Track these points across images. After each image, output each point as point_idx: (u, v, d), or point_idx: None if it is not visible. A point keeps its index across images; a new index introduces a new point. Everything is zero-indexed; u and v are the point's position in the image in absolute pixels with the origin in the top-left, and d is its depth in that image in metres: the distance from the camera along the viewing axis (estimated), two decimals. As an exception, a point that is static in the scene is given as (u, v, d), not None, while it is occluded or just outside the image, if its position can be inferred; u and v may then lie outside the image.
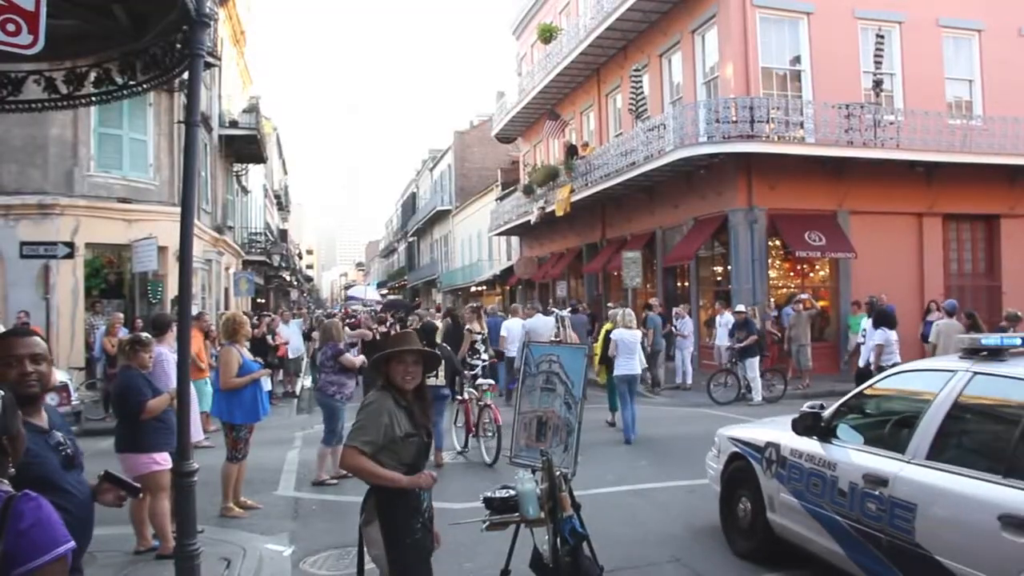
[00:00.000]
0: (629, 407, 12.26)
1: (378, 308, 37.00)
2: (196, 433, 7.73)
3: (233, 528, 7.65)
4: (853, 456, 5.41)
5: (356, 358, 10.28)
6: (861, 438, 5.65)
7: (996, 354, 4.86)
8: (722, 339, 17.95)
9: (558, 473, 4.89)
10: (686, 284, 22.82)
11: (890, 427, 5.53)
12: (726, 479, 7.04)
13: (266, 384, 8.96)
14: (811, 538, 5.69)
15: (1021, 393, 4.58)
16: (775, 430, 6.56)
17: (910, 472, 4.77)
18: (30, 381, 3.02)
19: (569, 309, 20.55)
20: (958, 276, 21.11)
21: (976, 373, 4.83)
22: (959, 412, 4.84)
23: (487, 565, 6.14)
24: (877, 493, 4.93)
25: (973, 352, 5.05)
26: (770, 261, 19.71)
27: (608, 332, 13.29)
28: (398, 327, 18.99)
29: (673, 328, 18.90)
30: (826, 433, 5.80)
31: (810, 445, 5.84)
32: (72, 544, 2.24)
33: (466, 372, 12.71)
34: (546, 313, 17.67)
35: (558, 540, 4.77)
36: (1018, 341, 4.90)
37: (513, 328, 16.08)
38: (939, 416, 4.85)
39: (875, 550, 4.93)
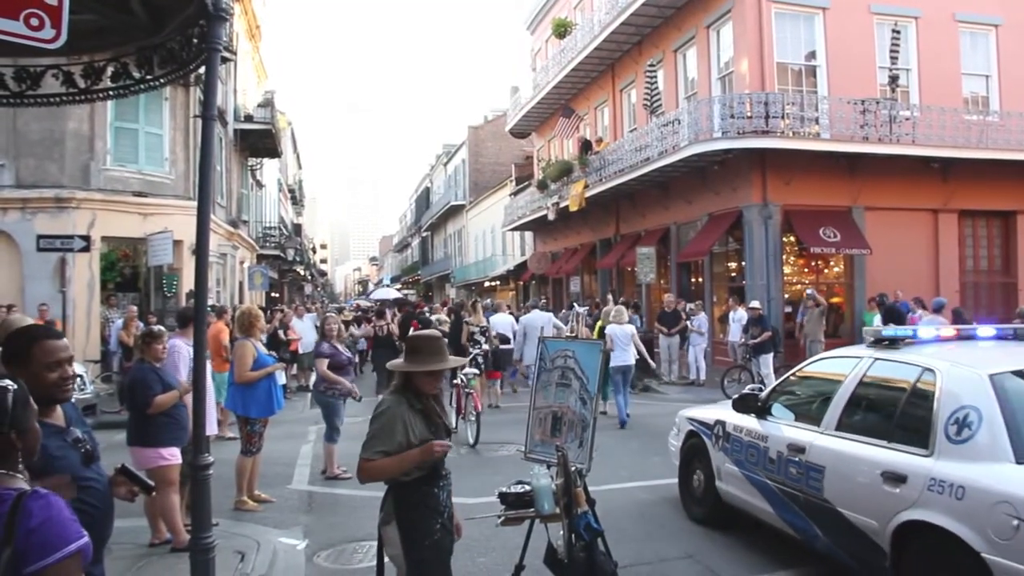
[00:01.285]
0: (622, 394, 13.38)
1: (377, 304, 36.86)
2: (211, 427, 7.72)
3: (247, 521, 7.69)
4: (781, 429, 6.33)
5: (324, 363, 10.00)
6: (792, 414, 6.50)
7: (894, 343, 5.88)
8: (735, 335, 17.92)
9: (573, 468, 4.89)
10: (700, 280, 22.74)
11: (812, 404, 6.43)
12: (683, 454, 7.96)
13: (280, 378, 8.99)
14: (749, 500, 6.60)
15: (905, 374, 5.45)
16: (723, 410, 7.42)
17: (822, 441, 5.72)
18: (68, 385, 3.00)
19: (573, 304, 21.35)
20: (974, 273, 20.96)
21: (876, 359, 5.82)
22: (861, 391, 5.80)
23: (501, 560, 6.15)
24: (797, 459, 5.88)
25: (878, 342, 6.02)
26: (784, 257, 19.61)
27: (603, 328, 14.38)
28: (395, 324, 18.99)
29: (688, 324, 18.90)
30: (762, 411, 6.70)
31: (749, 422, 6.75)
32: (84, 541, 2.20)
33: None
34: (543, 308, 18.23)
35: (573, 536, 4.77)
36: (910, 332, 6.03)
37: (498, 323, 17.18)
38: (846, 394, 5.82)
39: (795, 506, 5.88)
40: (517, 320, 18.23)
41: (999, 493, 4.26)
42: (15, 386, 2.33)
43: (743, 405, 6.87)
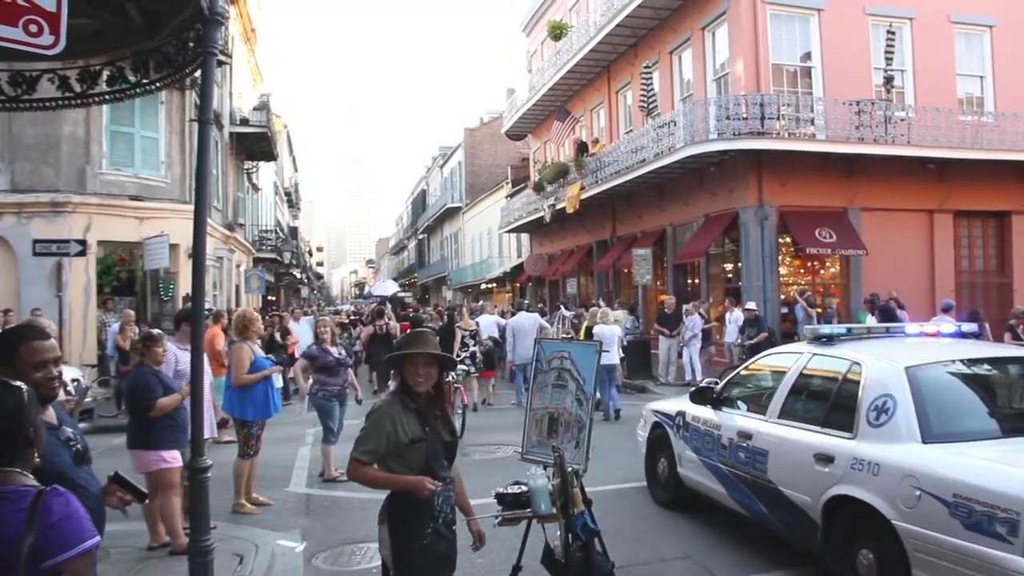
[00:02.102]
0: (609, 391, 14.02)
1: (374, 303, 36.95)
2: (210, 429, 7.72)
3: (245, 524, 7.69)
4: (733, 418, 6.96)
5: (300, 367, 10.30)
6: (743, 404, 7.12)
7: (830, 340, 6.50)
8: (732, 336, 17.92)
9: (570, 469, 4.91)
10: (696, 281, 22.76)
11: (760, 395, 7.02)
12: (649, 444, 8.57)
13: (278, 381, 8.99)
14: (705, 484, 7.22)
15: (837, 367, 6.09)
16: (684, 402, 7.97)
17: (766, 428, 6.36)
18: (54, 384, 3.08)
19: (560, 307, 23.00)
20: (969, 273, 21.00)
21: (815, 354, 6.46)
22: (801, 382, 6.45)
23: (499, 561, 6.16)
24: (745, 444, 6.51)
25: (817, 338, 6.63)
26: (780, 258, 19.64)
27: (588, 328, 15.17)
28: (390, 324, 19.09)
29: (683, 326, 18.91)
30: (717, 402, 7.33)
31: (706, 412, 7.36)
32: (98, 539, 2.28)
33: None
34: (528, 310, 19.11)
35: (570, 536, 4.79)
36: (844, 330, 6.66)
37: (483, 323, 18.02)
38: (788, 385, 6.46)
39: (744, 487, 6.51)
40: (501, 316, 19.10)
41: (906, 468, 4.87)
42: (25, 386, 2.41)
43: (700, 397, 7.51)
